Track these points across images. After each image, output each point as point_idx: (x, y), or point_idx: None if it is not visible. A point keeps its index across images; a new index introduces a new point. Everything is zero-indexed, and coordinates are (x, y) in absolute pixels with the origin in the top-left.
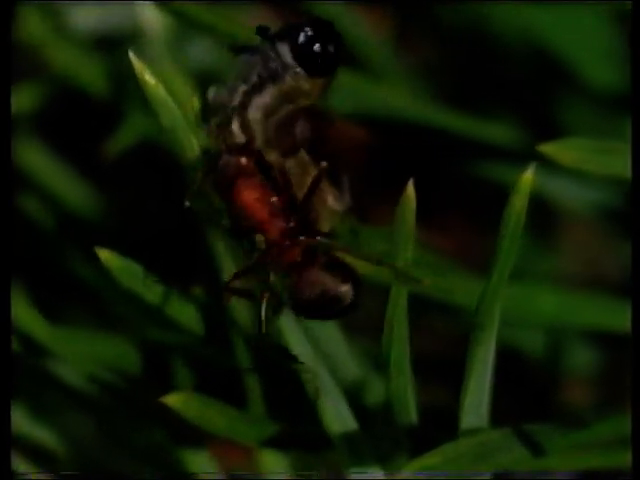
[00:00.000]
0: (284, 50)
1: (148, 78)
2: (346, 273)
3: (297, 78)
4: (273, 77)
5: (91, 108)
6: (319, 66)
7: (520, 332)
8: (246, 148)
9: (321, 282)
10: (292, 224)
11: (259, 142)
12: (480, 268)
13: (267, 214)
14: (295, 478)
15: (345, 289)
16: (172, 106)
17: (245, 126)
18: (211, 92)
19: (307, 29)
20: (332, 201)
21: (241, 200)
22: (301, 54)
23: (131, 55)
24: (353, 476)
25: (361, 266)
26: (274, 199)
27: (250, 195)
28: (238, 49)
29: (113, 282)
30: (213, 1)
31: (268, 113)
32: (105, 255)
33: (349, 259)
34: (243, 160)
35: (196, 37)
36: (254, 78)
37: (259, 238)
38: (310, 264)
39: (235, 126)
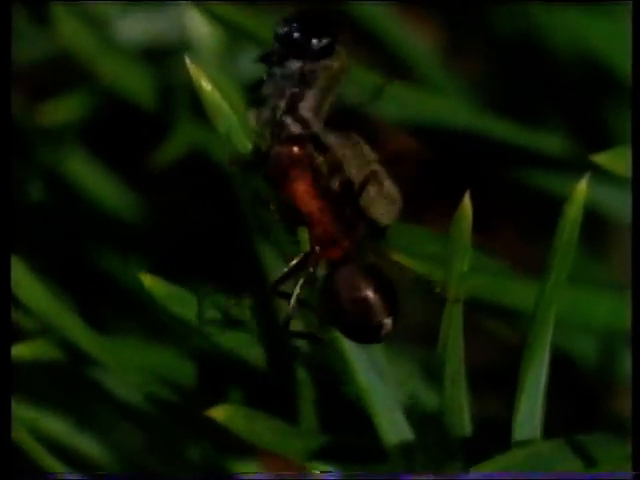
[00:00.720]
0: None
1: (204, 84)
2: (385, 288)
3: (318, 65)
4: (300, 79)
5: (138, 118)
6: (312, 49)
7: (572, 339)
8: (298, 138)
9: (356, 286)
10: (341, 220)
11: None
12: (531, 276)
13: (316, 207)
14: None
15: (387, 321)
16: (228, 112)
17: (298, 119)
18: (252, 114)
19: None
20: (389, 196)
21: (291, 191)
22: (294, 44)
23: (187, 61)
24: None
25: (414, 267)
26: (324, 192)
27: (300, 186)
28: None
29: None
30: (260, 7)
31: (316, 108)
32: (149, 281)
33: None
34: (295, 149)
35: (245, 47)
36: (290, 84)
37: (306, 234)
38: (350, 264)
39: (288, 120)
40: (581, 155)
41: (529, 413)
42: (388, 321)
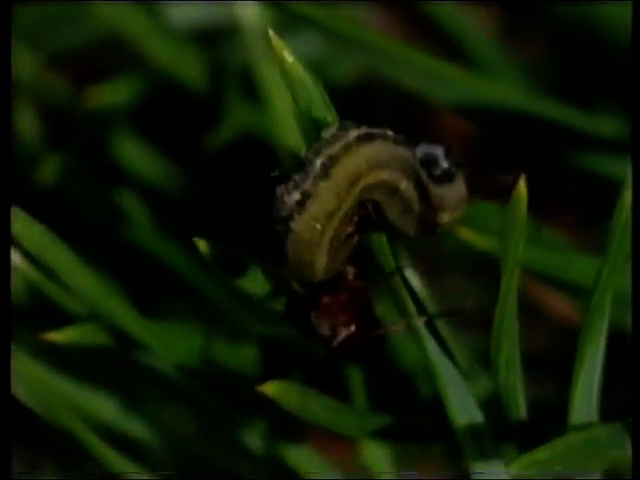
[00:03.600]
0: None
1: (287, 56)
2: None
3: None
4: None
5: (190, 101)
6: None
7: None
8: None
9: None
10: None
11: None
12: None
13: None
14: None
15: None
16: (310, 84)
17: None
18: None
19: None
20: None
21: None
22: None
23: (270, 33)
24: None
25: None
26: None
27: None
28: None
29: (211, 273)
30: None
31: None
32: (203, 245)
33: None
34: None
35: (296, 31)
36: None
37: None
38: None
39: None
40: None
41: (586, 397)
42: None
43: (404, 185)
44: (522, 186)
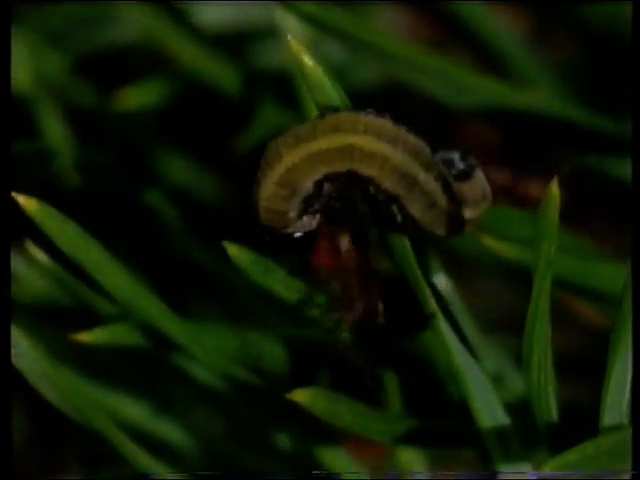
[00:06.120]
0: None
1: (306, 59)
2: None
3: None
4: None
5: (220, 104)
6: None
7: None
8: None
9: None
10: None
11: None
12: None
13: None
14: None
15: None
16: (329, 87)
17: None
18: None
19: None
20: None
21: None
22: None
23: (289, 38)
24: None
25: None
26: None
27: None
28: None
29: (242, 276)
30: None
31: None
32: (233, 250)
33: None
34: None
35: (327, 38)
36: None
37: None
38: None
39: None
40: None
41: (616, 399)
42: None
43: (422, 176)
44: (554, 190)
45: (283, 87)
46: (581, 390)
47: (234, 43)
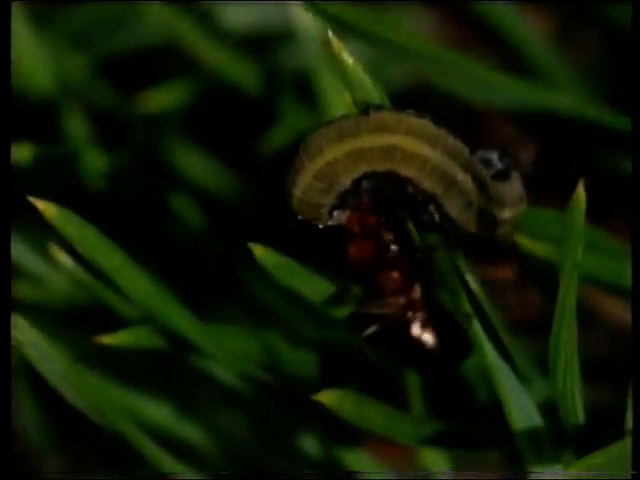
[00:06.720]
0: None
1: (346, 57)
2: None
3: None
4: None
5: (244, 105)
6: None
7: None
8: None
9: None
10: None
11: None
12: None
13: None
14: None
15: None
16: (370, 85)
17: None
18: None
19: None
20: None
21: None
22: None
23: (330, 34)
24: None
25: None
26: None
27: None
28: None
29: (267, 278)
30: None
31: None
32: (259, 251)
33: None
34: None
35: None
36: None
37: None
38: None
39: None
40: None
41: None
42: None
43: (461, 176)
44: (581, 191)
45: (307, 88)
46: (608, 392)
47: (258, 44)
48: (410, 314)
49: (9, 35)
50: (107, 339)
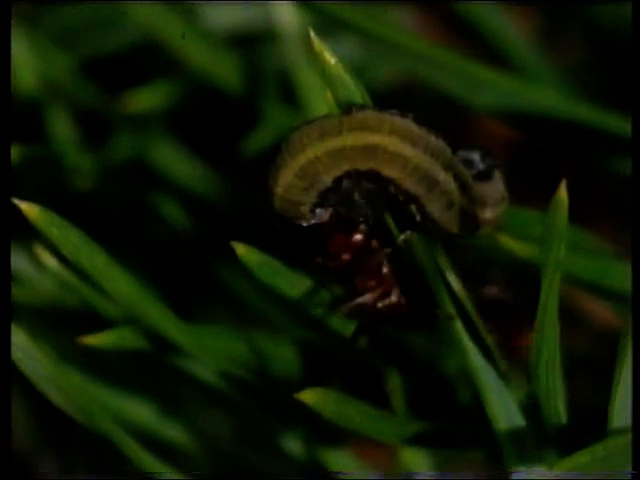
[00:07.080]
0: None
1: (328, 57)
2: None
3: None
4: None
5: (227, 106)
6: None
7: None
8: None
9: None
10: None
11: None
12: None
13: None
14: None
15: None
16: (351, 85)
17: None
18: None
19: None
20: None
21: None
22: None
23: (311, 33)
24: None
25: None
26: None
27: None
28: None
29: (250, 277)
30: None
31: None
32: (242, 250)
33: None
34: None
35: (333, 35)
36: None
37: None
38: None
39: None
40: None
41: (626, 401)
42: None
43: (443, 177)
44: (563, 191)
45: (291, 88)
46: (590, 391)
47: (241, 44)
48: (385, 300)
49: (9, 36)
50: (91, 340)
